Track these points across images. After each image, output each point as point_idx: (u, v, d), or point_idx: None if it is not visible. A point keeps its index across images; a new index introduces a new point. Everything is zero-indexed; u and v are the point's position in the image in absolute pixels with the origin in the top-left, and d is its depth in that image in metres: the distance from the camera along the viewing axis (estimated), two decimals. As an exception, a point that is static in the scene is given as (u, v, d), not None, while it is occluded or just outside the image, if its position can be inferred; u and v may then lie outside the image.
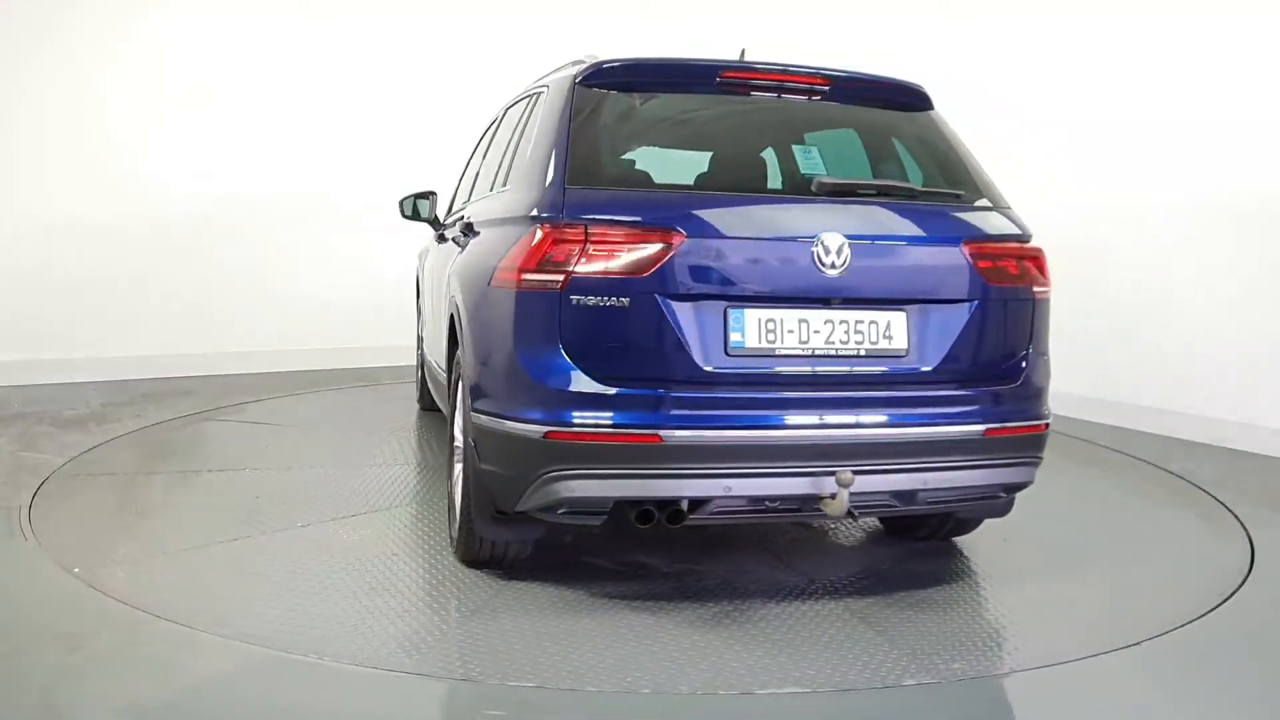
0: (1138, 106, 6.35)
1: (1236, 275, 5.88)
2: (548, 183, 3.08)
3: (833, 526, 4.11)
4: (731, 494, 2.96)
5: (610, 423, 2.88)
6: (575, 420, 2.88)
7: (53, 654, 2.76)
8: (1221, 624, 3.26)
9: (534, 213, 3.04)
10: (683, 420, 2.89)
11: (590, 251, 2.90)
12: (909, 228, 3.23)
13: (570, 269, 2.89)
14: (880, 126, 3.66)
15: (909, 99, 3.59)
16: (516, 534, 3.32)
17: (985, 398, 3.19)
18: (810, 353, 3.02)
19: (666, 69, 3.46)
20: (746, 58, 3.74)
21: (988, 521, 3.80)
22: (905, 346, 3.10)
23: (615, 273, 2.90)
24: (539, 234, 2.94)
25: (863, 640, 2.98)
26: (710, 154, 3.63)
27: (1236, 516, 4.45)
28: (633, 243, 2.93)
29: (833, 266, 3.00)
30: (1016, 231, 3.35)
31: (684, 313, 2.93)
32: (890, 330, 3.09)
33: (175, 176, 7.14)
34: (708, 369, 2.94)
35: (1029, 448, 3.26)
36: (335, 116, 7.75)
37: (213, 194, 7.28)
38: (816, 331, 3.03)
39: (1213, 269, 6.00)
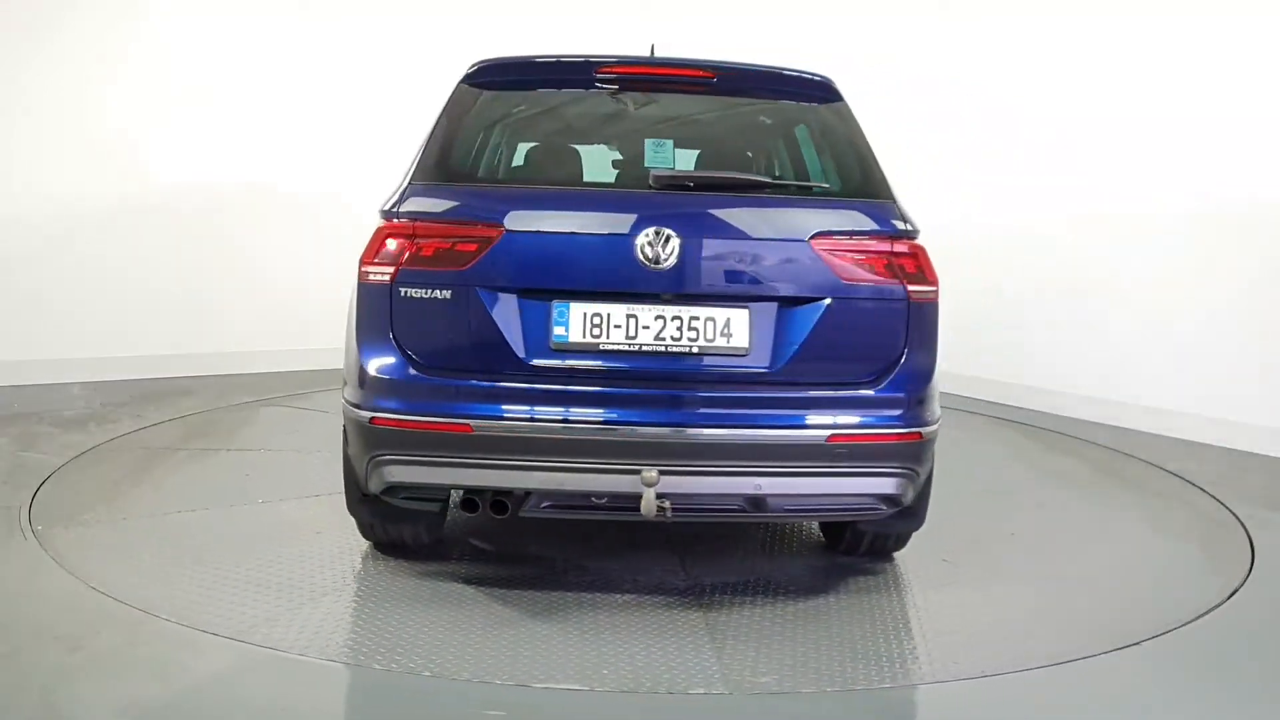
0: (1138, 107, 6.35)
1: (1235, 277, 5.90)
2: (405, 180, 3.20)
3: (777, 532, 4.00)
4: (541, 487, 2.98)
5: (424, 411, 2.96)
6: (394, 407, 2.99)
7: (53, 654, 2.76)
8: (1221, 624, 3.27)
9: (384, 208, 3.16)
10: (496, 411, 2.94)
11: (415, 246, 3.01)
12: (752, 222, 3.11)
13: (399, 262, 3.01)
14: (768, 119, 3.58)
15: (808, 90, 3.46)
16: (379, 516, 3.43)
17: (834, 402, 3.03)
18: (637, 349, 2.96)
19: (546, 66, 3.48)
20: (656, 54, 3.72)
21: (934, 539, 3.68)
22: (747, 345, 2.99)
23: (436, 266, 3.00)
24: (377, 229, 3.10)
25: (690, 648, 2.93)
26: (572, 150, 3.65)
27: (1236, 516, 4.45)
28: (452, 237, 3.01)
29: (657, 261, 2.94)
30: (890, 228, 3.13)
31: (504, 306, 2.97)
32: (730, 328, 2.99)
33: (177, 177, 7.12)
34: (528, 362, 2.96)
35: (890, 458, 3.06)
36: (338, 115, 7.73)
37: (215, 194, 7.27)
38: (646, 327, 2.97)
39: (1212, 270, 6.01)
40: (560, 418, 2.95)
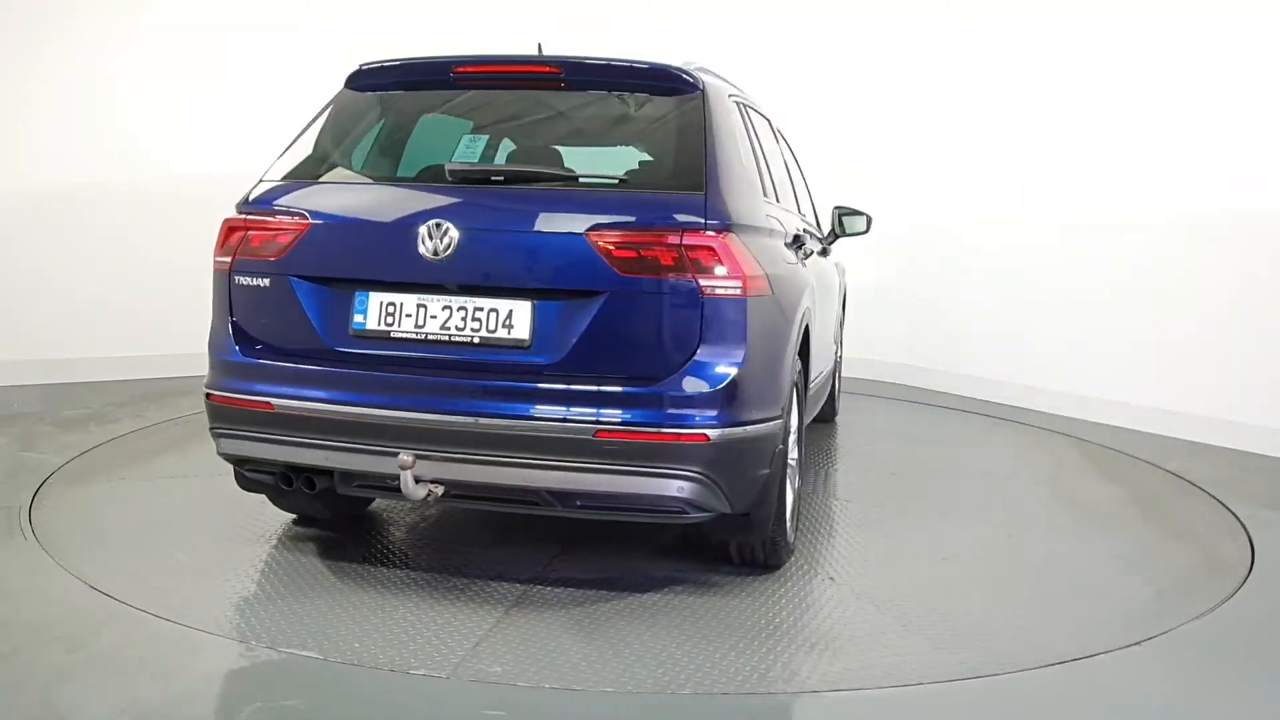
0: (1132, 113, 6.36)
1: (1236, 276, 5.91)
2: (259, 178, 3.42)
3: (682, 536, 3.81)
4: (329, 466, 3.15)
5: (239, 389, 3.23)
6: (221, 384, 3.28)
7: (53, 654, 2.77)
8: (1222, 624, 3.27)
9: (237, 202, 3.39)
10: (295, 392, 3.15)
11: (246, 238, 3.28)
12: (533, 215, 3.11)
13: (235, 253, 3.29)
14: (609, 113, 3.55)
15: (657, 83, 3.37)
16: (251, 488, 3.59)
17: (610, 398, 2.96)
18: (424, 338, 3.08)
19: (410, 68, 3.55)
20: (544, 52, 3.74)
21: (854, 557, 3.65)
22: (527, 337, 3.02)
23: (258, 256, 3.25)
24: (223, 222, 3.36)
25: (459, 634, 2.93)
26: (404, 147, 3.71)
27: (1236, 516, 4.46)
28: (271, 229, 3.25)
29: (435, 252, 3.04)
30: (681, 221, 3.01)
31: (312, 294, 3.19)
32: (511, 320, 3.03)
33: (176, 178, 7.13)
34: (328, 347, 3.15)
35: (671, 459, 2.95)
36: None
37: (214, 195, 7.26)
38: (434, 317, 3.08)
39: (1212, 270, 6.02)
40: (348, 400, 3.10)
